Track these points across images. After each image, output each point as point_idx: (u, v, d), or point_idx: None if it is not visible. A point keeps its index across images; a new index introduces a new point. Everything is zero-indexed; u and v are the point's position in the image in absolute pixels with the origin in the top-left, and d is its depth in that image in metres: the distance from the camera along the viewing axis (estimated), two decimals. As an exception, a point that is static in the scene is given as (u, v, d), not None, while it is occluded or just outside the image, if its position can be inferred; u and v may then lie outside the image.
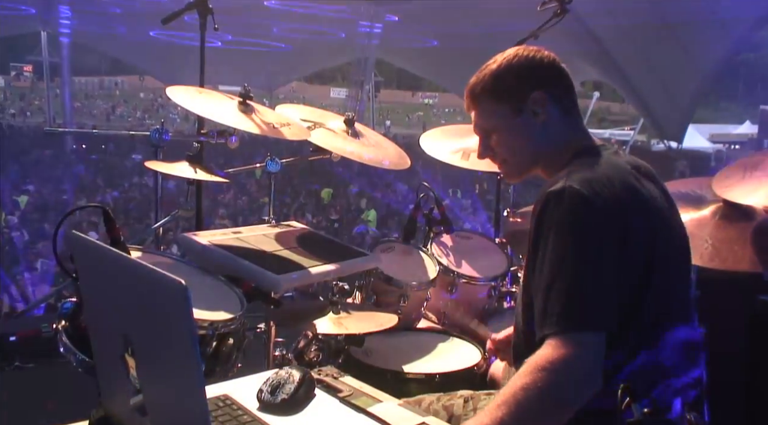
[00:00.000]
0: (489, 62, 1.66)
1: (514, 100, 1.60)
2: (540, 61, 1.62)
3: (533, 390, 1.30)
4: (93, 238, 1.61)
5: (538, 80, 1.60)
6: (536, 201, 1.48)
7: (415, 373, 2.17)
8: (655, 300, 1.44)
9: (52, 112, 25.95)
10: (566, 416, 1.32)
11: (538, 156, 1.64)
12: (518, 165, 1.68)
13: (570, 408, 1.32)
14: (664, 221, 1.53)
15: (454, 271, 2.67)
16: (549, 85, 1.60)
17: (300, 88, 41.63)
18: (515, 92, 1.60)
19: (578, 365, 1.32)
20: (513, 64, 1.62)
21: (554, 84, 1.61)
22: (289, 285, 2.14)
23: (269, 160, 2.55)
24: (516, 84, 1.60)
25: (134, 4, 20.46)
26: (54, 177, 17.17)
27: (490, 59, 1.66)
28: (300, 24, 21.87)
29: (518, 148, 1.64)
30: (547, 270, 1.40)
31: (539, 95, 1.58)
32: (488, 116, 1.65)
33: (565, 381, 1.31)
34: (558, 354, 1.32)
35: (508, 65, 1.62)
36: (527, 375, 1.32)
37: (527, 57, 1.62)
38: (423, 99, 48.29)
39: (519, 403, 1.30)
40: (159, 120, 3.38)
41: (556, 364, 1.31)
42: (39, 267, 9.78)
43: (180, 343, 1.04)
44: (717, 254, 2.18)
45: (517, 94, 1.60)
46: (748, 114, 25.47)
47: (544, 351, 1.34)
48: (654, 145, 24.02)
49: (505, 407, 1.30)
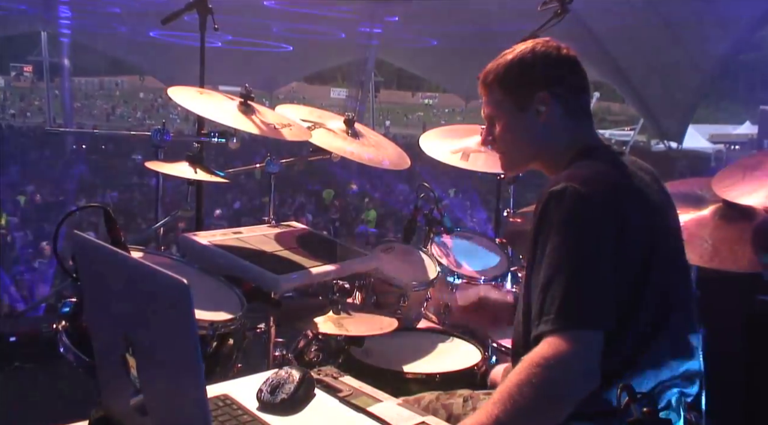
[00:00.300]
0: (507, 51, 1.65)
1: (519, 95, 1.61)
2: (554, 60, 1.61)
3: (528, 387, 1.30)
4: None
5: (546, 79, 1.60)
6: (538, 201, 1.48)
7: (415, 373, 2.17)
8: (654, 299, 1.44)
9: (52, 112, 25.95)
10: (562, 413, 1.32)
11: (536, 154, 1.65)
12: (515, 159, 1.69)
13: (565, 405, 1.32)
14: (664, 222, 1.54)
15: (454, 271, 2.67)
16: (556, 85, 1.59)
17: (300, 88, 41.60)
18: (522, 88, 1.61)
19: (574, 362, 1.32)
20: (526, 59, 1.61)
21: (562, 84, 1.61)
22: (289, 285, 2.15)
23: (269, 160, 2.55)
24: (524, 80, 1.61)
25: (134, 4, 20.44)
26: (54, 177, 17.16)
27: (510, 48, 1.66)
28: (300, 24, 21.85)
29: (517, 143, 1.65)
30: (546, 269, 1.40)
31: (543, 95, 1.58)
32: (495, 105, 1.66)
33: (560, 378, 1.31)
34: (553, 351, 1.32)
35: (521, 59, 1.62)
36: (522, 371, 1.32)
37: (541, 53, 1.61)
38: (423, 99, 48.29)
39: (514, 400, 1.30)
40: (159, 120, 3.38)
41: (550, 360, 1.31)
42: (39, 267, 9.77)
43: (181, 343, 1.04)
44: (717, 254, 2.18)
45: (523, 90, 1.60)
46: (748, 114, 25.45)
47: (540, 348, 1.34)
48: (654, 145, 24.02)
49: (500, 404, 1.30)
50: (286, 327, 2.31)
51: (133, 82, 43.84)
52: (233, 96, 2.39)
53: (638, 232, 1.43)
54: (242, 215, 13.32)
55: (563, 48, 1.63)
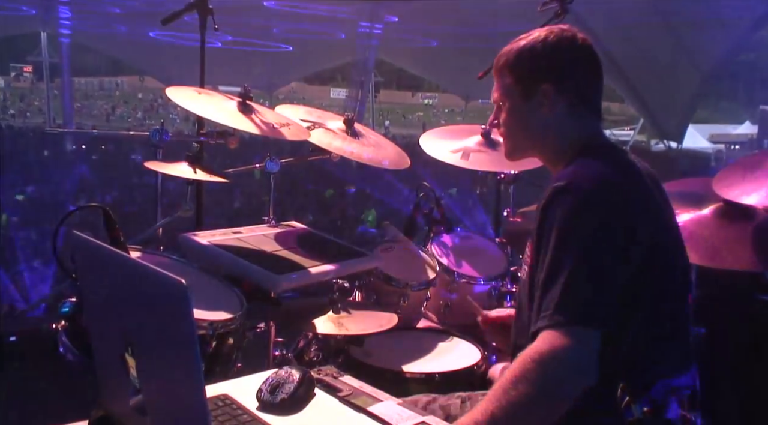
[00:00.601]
0: (523, 35, 1.63)
1: (525, 84, 1.60)
2: (565, 51, 1.59)
3: (522, 381, 1.30)
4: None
5: (553, 71, 1.58)
6: (541, 198, 1.48)
7: (415, 373, 2.17)
8: (653, 300, 1.44)
9: (51, 112, 25.94)
10: (557, 409, 1.31)
11: (535, 144, 1.65)
12: (515, 146, 1.69)
13: (560, 401, 1.31)
14: (664, 222, 1.54)
15: (454, 271, 2.67)
16: (563, 79, 1.58)
17: (300, 88, 41.56)
18: (528, 78, 1.60)
19: (568, 357, 1.31)
20: (536, 48, 1.59)
21: (571, 78, 1.59)
22: (289, 285, 2.15)
23: (269, 160, 2.56)
24: (531, 70, 1.59)
25: (134, 4, 20.42)
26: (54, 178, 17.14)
27: (527, 33, 1.64)
28: (300, 24, 21.83)
29: (518, 131, 1.65)
30: (547, 266, 1.40)
31: (548, 88, 1.57)
32: (503, 89, 1.65)
33: (554, 373, 1.31)
34: (548, 346, 1.32)
35: (532, 48, 1.60)
36: (517, 366, 1.32)
37: (553, 44, 1.58)
38: (423, 99, 48.27)
39: (509, 395, 1.30)
40: (159, 121, 3.38)
41: (545, 356, 1.31)
42: (39, 267, 9.76)
43: (180, 343, 1.04)
44: (717, 254, 2.18)
45: (530, 80, 1.59)
46: (748, 114, 25.46)
47: (536, 344, 1.34)
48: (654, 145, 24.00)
49: (495, 399, 1.30)
50: (286, 327, 2.31)
51: (133, 82, 43.80)
52: (232, 96, 2.39)
53: (640, 232, 1.43)
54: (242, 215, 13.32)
55: (578, 38, 1.60)
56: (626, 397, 1.09)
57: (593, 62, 1.62)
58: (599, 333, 1.34)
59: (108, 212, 1.81)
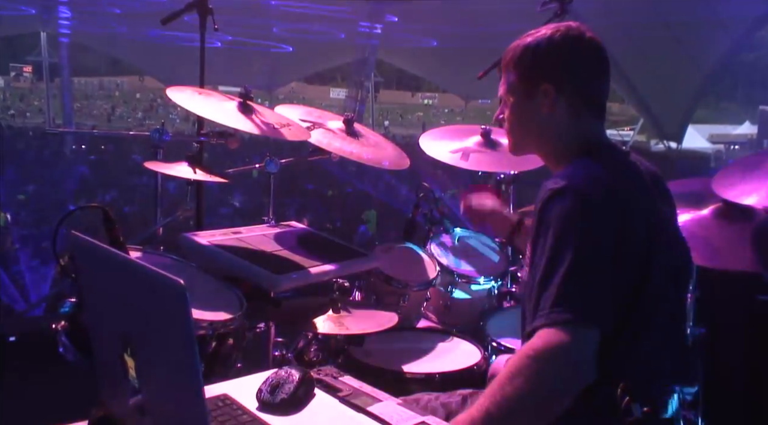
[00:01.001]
0: (531, 32, 1.62)
1: (527, 82, 1.60)
2: (569, 52, 1.57)
3: (518, 378, 1.30)
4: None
5: (555, 72, 1.57)
6: (538, 198, 1.48)
7: (415, 373, 2.17)
8: (653, 300, 1.44)
9: (51, 112, 25.93)
10: (553, 407, 1.31)
11: (535, 143, 1.65)
12: (517, 142, 1.69)
13: (556, 399, 1.31)
14: (665, 224, 1.54)
15: (454, 271, 2.67)
16: (566, 80, 1.57)
17: (300, 88, 41.54)
18: (531, 77, 1.59)
19: (564, 354, 1.31)
20: (540, 47, 1.58)
21: (573, 80, 1.58)
22: (289, 285, 2.15)
23: (268, 160, 2.56)
24: (534, 68, 1.59)
25: (134, 4, 20.43)
26: (54, 178, 17.15)
27: (535, 29, 1.63)
28: (300, 24, 21.84)
29: (520, 128, 1.66)
30: (543, 266, 1.40)
31: (549, 88, 1.57)
32: (508, 85, 1.65)
33: (550, 370, 1.31)
34: (544, 344, 1.32)
35: (537, 46, 1.59)
36: (514, 363, 1.32)
37: (558, 43, 1.57)
38: (422, 99, 48.26)
39: (505, 392, 1.30)
40: (159, 121, 3.39)
41: (541, 353, 1.31)
42: (39, 267, 9.76)
43: (179, 343, 1.04)
44: (717, 254, 2.18)
45: (532, 79, 1.59)
46: (747, 114, 25.45)
47: (533, 341, 1.34)
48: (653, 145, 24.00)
49: (492, 396, 1.30)
50: (286, 327, 2.31)
51: (133, 82, 43.77)
52: (232, 96, 2.39)
53: (637, 233, 1.43)
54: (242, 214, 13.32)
55: (585, 38, 1.58)
56: (626, 397, 1.09)
57: (599, 61, 1.60)
58: (596, 331, 1.34)
59: (107, 212, 1.81)
